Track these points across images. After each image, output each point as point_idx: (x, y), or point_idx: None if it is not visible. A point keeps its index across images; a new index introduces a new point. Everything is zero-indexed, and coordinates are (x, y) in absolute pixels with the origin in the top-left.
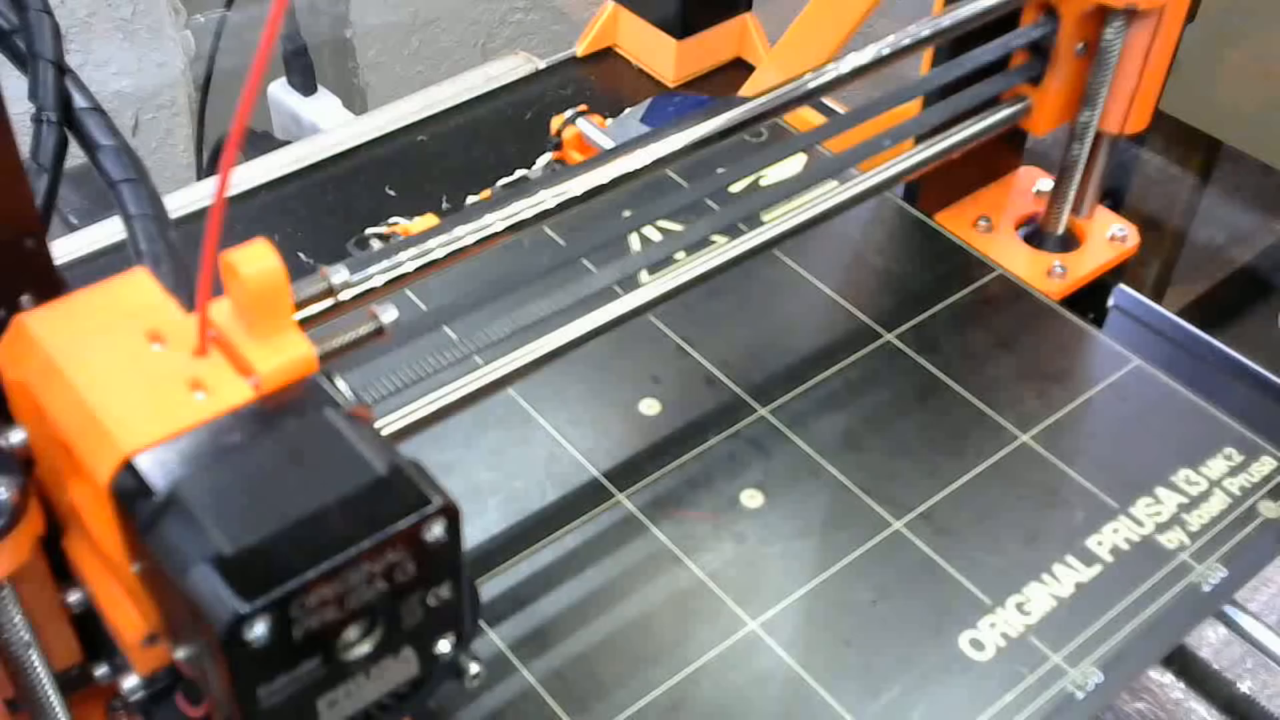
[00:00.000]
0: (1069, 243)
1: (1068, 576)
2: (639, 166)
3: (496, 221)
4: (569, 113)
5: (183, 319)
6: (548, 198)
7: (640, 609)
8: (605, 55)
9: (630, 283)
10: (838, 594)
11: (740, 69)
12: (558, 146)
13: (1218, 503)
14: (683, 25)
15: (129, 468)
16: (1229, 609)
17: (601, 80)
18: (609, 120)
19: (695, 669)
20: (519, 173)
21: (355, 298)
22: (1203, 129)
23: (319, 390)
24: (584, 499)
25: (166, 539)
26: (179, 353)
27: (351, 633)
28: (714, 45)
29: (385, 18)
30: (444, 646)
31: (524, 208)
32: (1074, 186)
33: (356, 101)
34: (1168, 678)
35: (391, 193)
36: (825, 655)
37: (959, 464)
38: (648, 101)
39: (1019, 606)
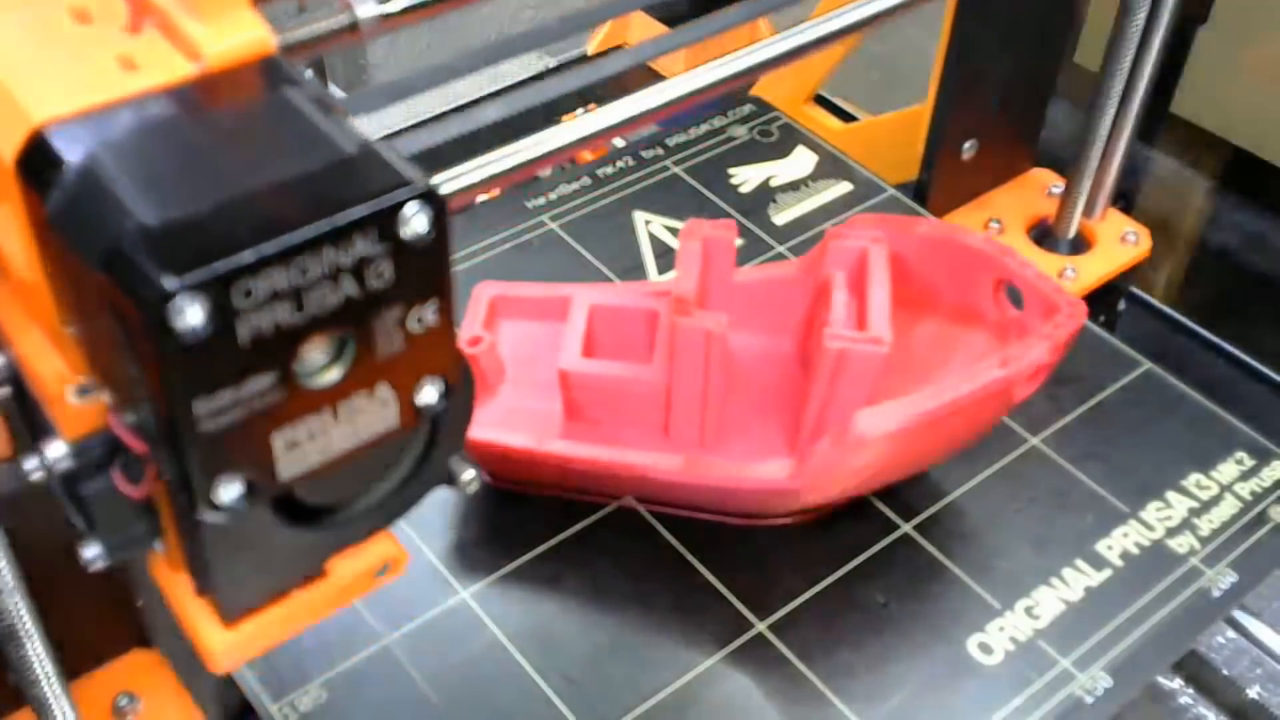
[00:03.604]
0: (1080, 245)
1: (1077, 580)
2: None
3: None
4: (579, 111)
5: None
6: None
7: (648, 610)
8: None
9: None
10: (846, 596)
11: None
12: None
13: (1228, 507)
14: None
15: (39, 141)
16: (1239, 614)
17: (611, 78)
18: None
19: (703, 670)
20: None
21: None
22: (1215, 132)
23: (277, 68)
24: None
25: (80, 219)
26: (109, 30)
27: (314, 351)
28: (723, 45)
29: None
30: (429, 395)
31: None
32: (1085, 189)
33: None
34: (1176, 683)
35: None
36: (833, 658)
37: (969, 467)
38: None
39: (1028, 610)
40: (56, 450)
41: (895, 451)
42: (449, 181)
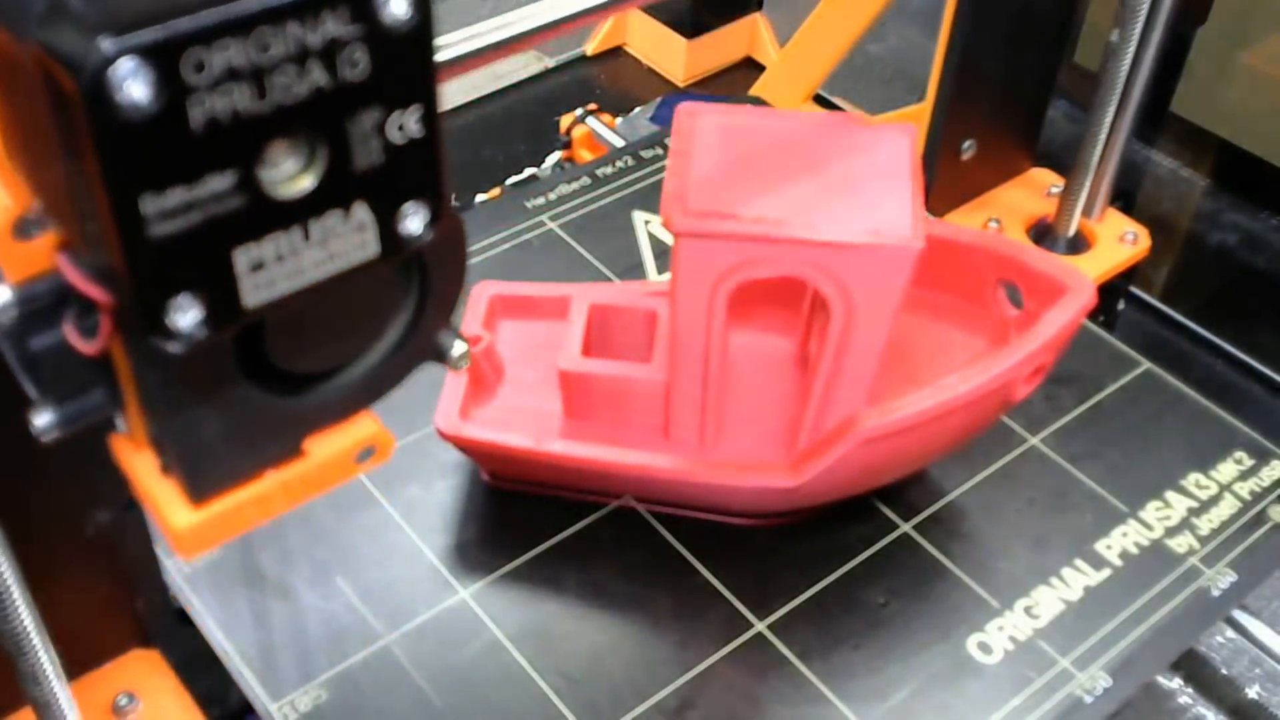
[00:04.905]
0: (1079, 245)
1: (1076, 580)
2: None
3: None
4: (578, 111)
5: None
6: None
7: (648, 610)
8: (615, 54)
9: None
10: (846, 596)
11: (750, 69)
12: (567, 145)
13: (1227, 507)
14: (693, 25)
15: None
16: (1238, 614)
17: (611, 79)
18: (618, 119)
19: (703, 670)
20: (528, 171)
21: None
22: (1214, 131)
23: None
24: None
25: None
26: None
27: (280, 153)
28: (724, 45)
29: None
30: (413, 224)
31: None
32: (1085, 188)
33: None
34: (1176, 682)
35: None
36: (833, 657)
37: (968, 467)
38: (657, 100)
39: (1027, 610)
40: (2, 297)
41: (895, 451)
42: (447, 48)
